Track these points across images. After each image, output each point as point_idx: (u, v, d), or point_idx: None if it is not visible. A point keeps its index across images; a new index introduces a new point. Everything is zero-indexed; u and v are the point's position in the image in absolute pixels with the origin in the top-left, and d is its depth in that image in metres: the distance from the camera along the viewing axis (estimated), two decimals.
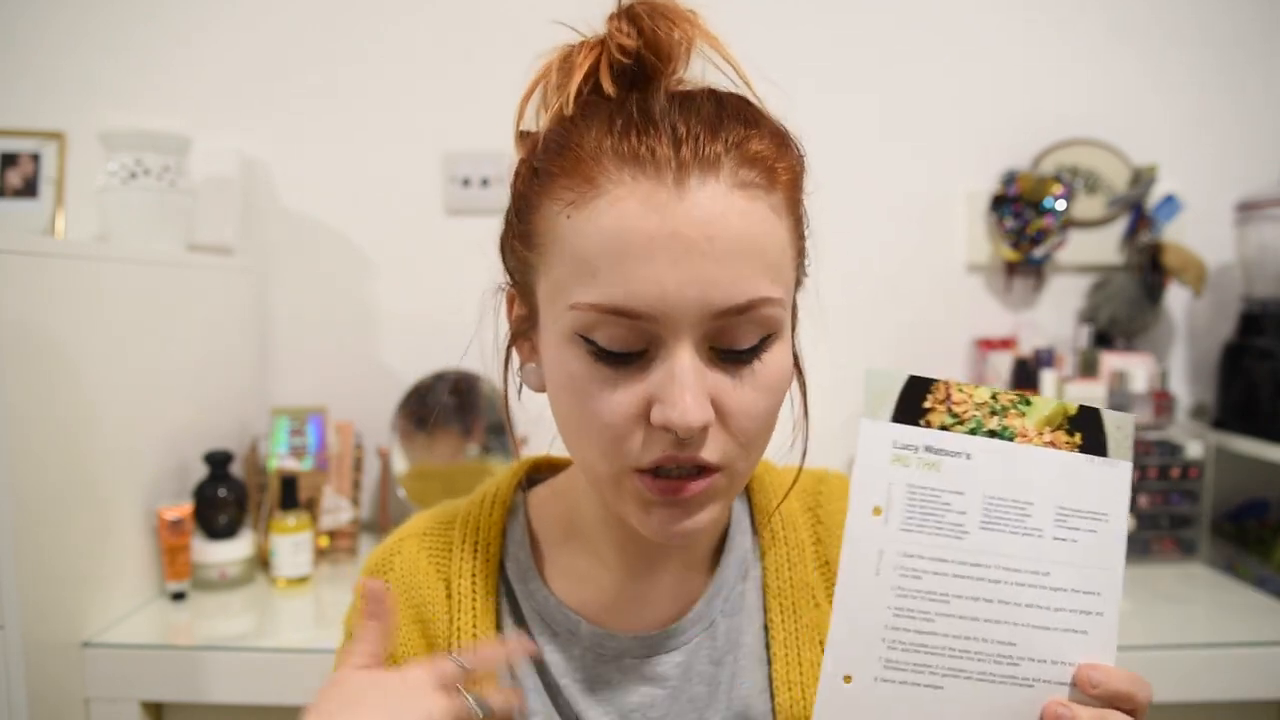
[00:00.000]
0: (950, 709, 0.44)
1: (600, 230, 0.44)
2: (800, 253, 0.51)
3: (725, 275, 0.44)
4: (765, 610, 0.59)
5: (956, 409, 0.44)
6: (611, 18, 0.49)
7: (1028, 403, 0.45)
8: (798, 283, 0.52)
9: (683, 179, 0.43)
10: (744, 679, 0.57)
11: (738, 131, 0.45)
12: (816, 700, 0.45)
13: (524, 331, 0.53)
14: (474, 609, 0.57)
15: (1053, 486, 0.44)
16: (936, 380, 0.44)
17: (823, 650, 0.56)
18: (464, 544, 0.59)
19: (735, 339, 0.46)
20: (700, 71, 0.51)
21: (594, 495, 0.56)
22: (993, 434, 0.44)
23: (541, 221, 0.47)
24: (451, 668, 0.48)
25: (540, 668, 0.57)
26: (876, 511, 0.44)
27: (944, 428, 0.44)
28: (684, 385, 0.44)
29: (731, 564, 0.59)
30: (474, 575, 0.58)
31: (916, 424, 0.44)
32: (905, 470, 0.44)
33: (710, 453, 0.46)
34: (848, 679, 0.44)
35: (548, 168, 0.47)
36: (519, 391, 0.56)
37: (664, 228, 0.43)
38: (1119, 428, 0.45)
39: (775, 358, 0.48)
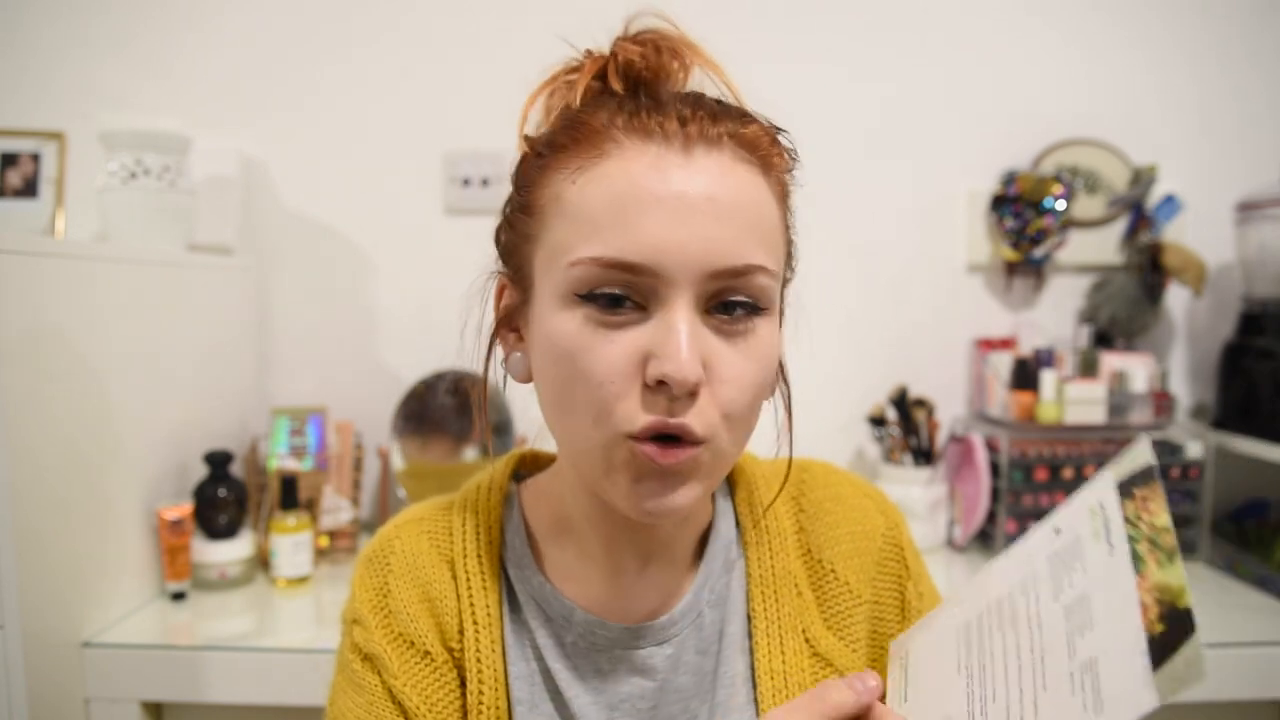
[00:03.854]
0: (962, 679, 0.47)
1: (606, 190, 0.47)
2: (789, 247, 0.53)
3: (725, 236, 0.46)
4: (749, 600, 0.59)
5: (1144, 514, 0.43)
6: (618, 41, 0.52)
7: (1170, 560, 0.41)
8: (785, 280, 0.53)
9: (688, 146, 0.47)
10: (727, 668, 0.57)
11: (737, 121, 0.49)
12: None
13: (511, 319, 0.55)
14: (484, 587, 0.58)
15: (1112, 635, 0.41)
16: (1155, 481, 0.44)
17: (804, 640, 0.58)
18: (464, 526, 0.60)
19: (729, 294, 0.48)
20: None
21: (581, 489, 0.56)
22: (1135, 555, 0.42)
23: (545, 190, 0.50)
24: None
25: (532, 653, 0.57)
26: (1056, 531, 0.47)
27: (1125, 518, 0.44)
28: (680, 338, 0.45)
29: (716, 555, 0.60)
30: (479, 556, 0.59)
31: (1122, 497, 0.45)
32: (1088, 522, 0.46)
33: (697, 422, 0.47)
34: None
35: (555, 141, 0.50)
36: (503, 382, 0.56)
37: (669, 186, 0.46)
38: (1187, 664, 0.40)
39: (765, 332, 0.49)
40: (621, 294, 0.46)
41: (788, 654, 0.57)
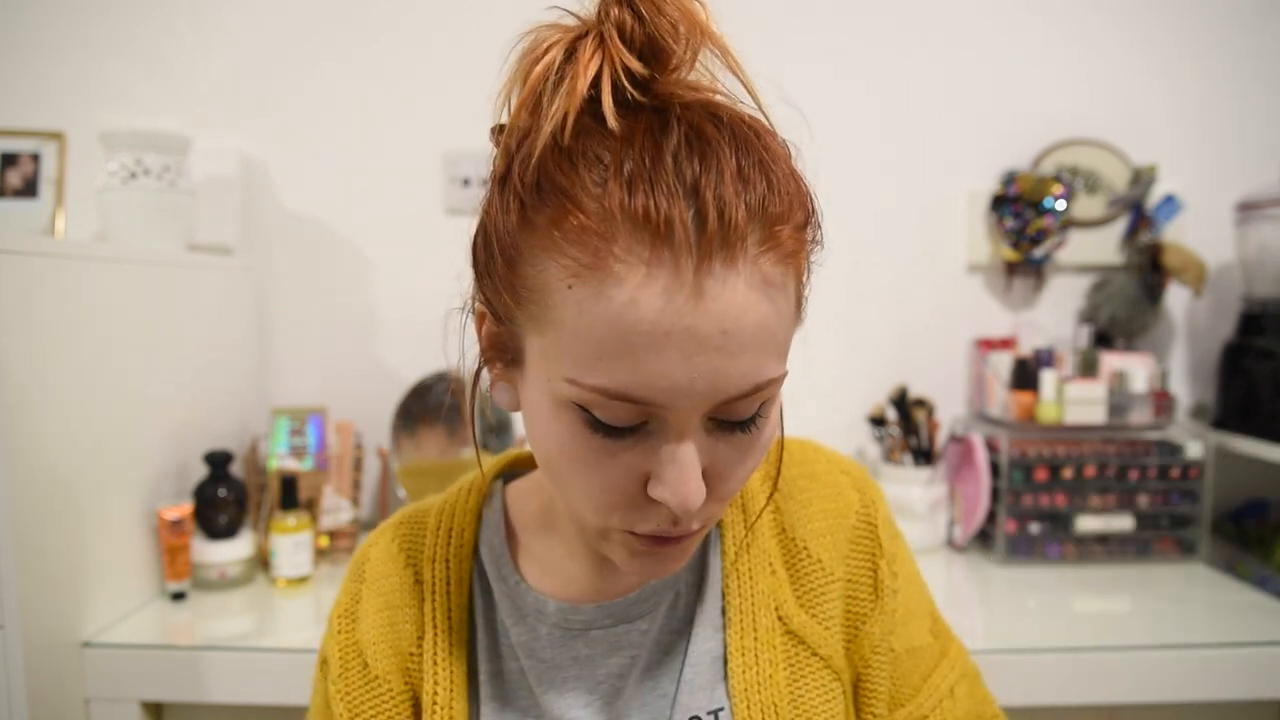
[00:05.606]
0: None
1: (610, 316, 0.41)
2: (802, 307, 0.49)
3: (736, 367, 0.42)
4: (723, 576, 0.59)
5: None
6: (611, 8, 0.44)
7: None
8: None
9: (702, 269, 0.40)
10: (698, 646, 0.57)
11: (759, 197, 0.42)
12: None
13: (494, 347, 0.51)
14: (447, 591, 0.59)
15: None
16: None
17: (778, 618, 0.58)
18: (438, 530, 0.61)
19: (735, 414, 0.45)
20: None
21: None
22: None
23: (535, 276, 0.43)
24: None
25: (505, 651, 0.58)
26: None
27: None
28: (686, 470, 0.44)
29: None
30: (447, 560, 0.60)
31: None
32: None
33: (697, 519, 0.47)
34: None
35: (544, 220, 0.42)
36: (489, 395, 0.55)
37: (678, 324, 0.40)
38: None
39: (769, 420, 0.48)
40: (621, 426, 0.44)
41: (760, 632, 0.57)
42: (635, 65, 0.43)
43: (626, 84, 0.43)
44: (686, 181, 0.40)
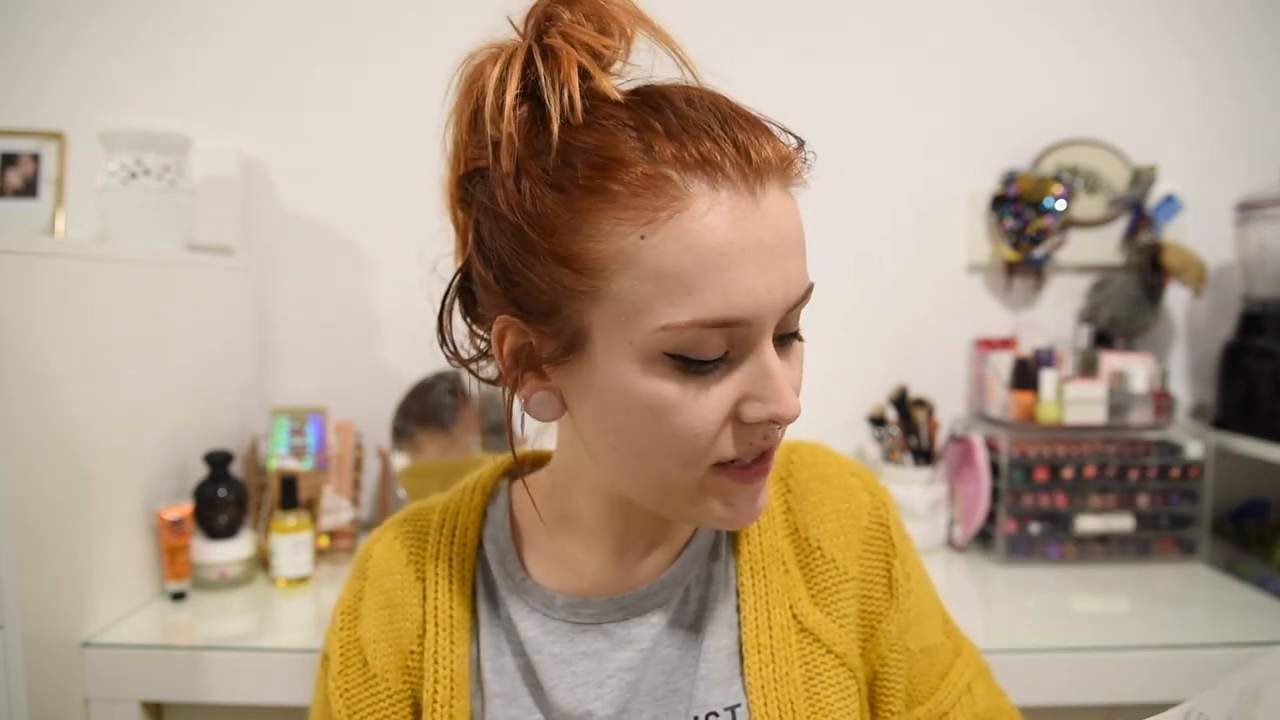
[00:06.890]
0: None
1: (691, 246, 0.44)
2: None
3: (795, 271, 0.47)
4: (738, 575, 0.60)
5: None
6: (560, 8, 0.49)
7: None
8: None
9: (753, 186, 0.45)
10: (712, 643, 0.58)
11: (763, 133, 0.47)
12: None
13: (524, 361, 0.52)
14: (449, 590, 0.59)
15: None
16: None
17: (792, 616, 0.59)
18: (441, 528, 0.62)
19: (790, 324, 0.50)
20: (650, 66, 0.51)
21: (593, 489, 0.57)
22: None
23: (597, 244, 0.45)
24: None
25: (510, 647, 0.58)
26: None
27: None
28: (780, 380, 0.47)
29: (704, 533, 0.61)
30: (450, 558, 0.60)
31: None
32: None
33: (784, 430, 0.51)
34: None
35: (591, 187, 0.45)
36: (522, 422, 0.56)
37: (749, 236, 0.45)
38: None
39: (802, 335, 0.53)
40: (713, 359, 0.46)
41: (775, 629, 0.58)
42: (598, 41, 0.47)
43: (594, 60, 0.47)
44: (714, 128, 0.45)
